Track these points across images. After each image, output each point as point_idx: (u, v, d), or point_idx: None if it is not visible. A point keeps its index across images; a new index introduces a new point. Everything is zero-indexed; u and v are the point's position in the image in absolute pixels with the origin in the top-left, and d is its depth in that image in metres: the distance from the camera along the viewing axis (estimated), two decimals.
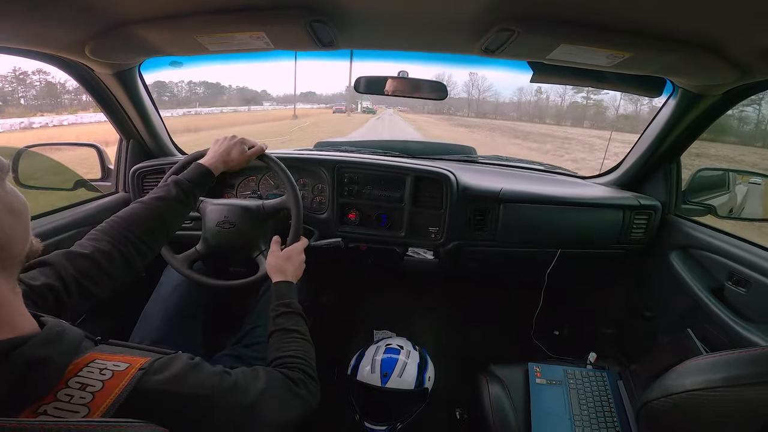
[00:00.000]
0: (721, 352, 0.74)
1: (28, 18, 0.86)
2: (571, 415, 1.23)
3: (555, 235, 1.58)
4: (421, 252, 1.62)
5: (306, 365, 0.86)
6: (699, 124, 1.41)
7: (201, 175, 1.12)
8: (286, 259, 1.13)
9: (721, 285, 1.33)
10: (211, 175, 1.14)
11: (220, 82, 44.90)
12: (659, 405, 0.77)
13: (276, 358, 0.86)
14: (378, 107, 43.20)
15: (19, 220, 0.51)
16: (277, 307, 0.99)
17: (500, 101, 68.23)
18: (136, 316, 1.25)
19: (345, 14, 0.94)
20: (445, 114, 53.85)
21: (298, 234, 1.24)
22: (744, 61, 0.98)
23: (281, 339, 0.91)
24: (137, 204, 0.98)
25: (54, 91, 27.75)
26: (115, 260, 0.86)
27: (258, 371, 0.74)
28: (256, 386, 0.69)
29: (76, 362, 0.51)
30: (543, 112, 59.68)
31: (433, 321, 2.14)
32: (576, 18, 0.87)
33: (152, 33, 1.00)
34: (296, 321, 0.97)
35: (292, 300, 1.02)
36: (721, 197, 1.75)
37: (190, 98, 39.59)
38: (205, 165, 1.13)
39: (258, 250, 1.30)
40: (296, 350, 0.88)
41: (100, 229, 0.89)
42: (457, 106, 64.37)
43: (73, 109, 23.57)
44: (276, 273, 1.10)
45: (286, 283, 1.07)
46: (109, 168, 1.62)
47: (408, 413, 1.48)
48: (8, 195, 0.51)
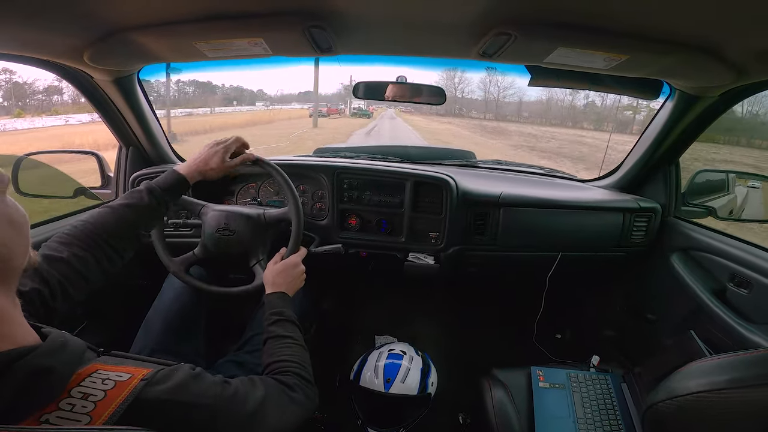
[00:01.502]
0: (724, 354, 0.73)
1: (27, 24, 0.86)
2: (575, 418, 1.23)
3: (555, 239, 1.58)
4: (422, 257, 1.61)
5: (300, 368, 0.86)
6: (697, 126, 1.41)
7: (175, 183, 1.08)
8: (281, 271, 1.14)
9: (723, 286, 1.33)
10: (185, 183, 1.10)
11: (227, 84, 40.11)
12: (664, 407, 0.77)
13: (269, 364, 0.87)
14: (376, 108, 34.60)
15: (19, 233, 0.52)
16: (270, 316, 1.00)
17: (525, 101, 50.91)
18: (138, 324, 1.25)
19: (343, 20, 0.95)
20: (457, 115, 43.89)
21: (296, 246, 1.24)
22: (740, 62, 0.99)
23: (274, 345, 0.92)
24: (106, 209, 0.96)
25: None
26: (89, 264, 0.85)
27: (254, 380, 0.74)
28: (256, 395, 0.70)
29: (78, 372, 0.51)
30: (580, 115, 43.62)
31: (435, 326, 2.14)
32: (573, 21, 0.88)
33: (150, 39, 1.00)
34: (289, 328, 0.98)
35: (284, 309, 1.03)
36: (721, 199, 1.75)
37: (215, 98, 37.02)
38: (181, 172, 1.10)
39: (256, 259, 1.30)
40: (290, 355, 0.89)
41: (68, 233, 0.87)
42: (471, 107, 51.49)
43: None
44: (270, 285, 1.11)
45: (279, 294, 1.08)
46: (109, 176, 1.62)
47: (411, 419, 1.47)
48: (8, 208, 0.51)
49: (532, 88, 21.60)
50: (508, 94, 50.77)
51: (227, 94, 18.41)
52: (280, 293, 1.08)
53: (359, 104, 31.93)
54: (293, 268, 1.16)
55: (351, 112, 32.05)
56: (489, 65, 1.21)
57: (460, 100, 43.53)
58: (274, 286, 1.10)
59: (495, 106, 49.65)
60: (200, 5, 0.87)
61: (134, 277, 1.60)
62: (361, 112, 31.49)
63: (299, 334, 0.98)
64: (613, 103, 37.09)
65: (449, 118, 40.40)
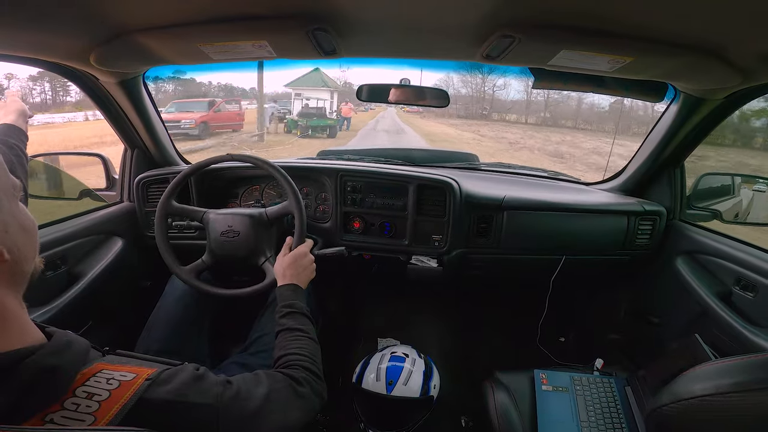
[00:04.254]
0: (730, 358, 0.73)
1: (34, 26, 0.87)
2: (579, 421, 1.22)
3: (559, 242, 1.58)
4: (425, 260, 1.61)
5: (309, 362, 0.85)
6: (702, 129, 1.41)
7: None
8: (291, 263, 1.13)
9: (728, 290, 1.32)
10: None
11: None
12: (669, 411, 0.76)
13: (279, 357, 0.86)
14: (368, 109, 23.33)
15: (30, 238, 0.54)
16: (281, 309, 1.00)
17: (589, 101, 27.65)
18: (141, 325, 1.25)
19: (346, 23, 0.95)
20: (480, 118, 25.46)
21: (302, 236, 1.24)
22: (746, 65, 0.98)
23: (285, 338, 0.92)
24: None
25: None
26: None
27: (260, 375, 0.74)
28: (259, 392, 0.69)
29: (83, 372, 0.52)
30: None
31: (438, 328, 2.13)
32: (576, 24, 0.88)
33: (156, 42, 1.01)
34: (300, 320, 0.97)
35: (296, 301, 1.02)
36: (727, 202, 1.74)
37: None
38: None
39: (264, 257, 1.29)
40: (300, 348, 0.88)
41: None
42: (505, 108, 29.28)
43: None
44: (281, 278, 1.10)
45: (291, 286, 1.07)
46: (114, 177, 1.63)
47: (413, 421, 1.46)
48: (20, 214, 0.53)
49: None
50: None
51: (215, 93, 17.57)
52: (292, 285, 1.07)
53: (319, 102, 17.10)
54: (302, 258, 1.16)
55: (291, 122, 14.80)
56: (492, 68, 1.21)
57: (487, 99, 27.48)
58: (285, 279, 1.09)
59: (544, 107, 27.63)
60: (205, 8, 0.88)
61: (138, 278, 1.60)
62: (313, 124, 13.96)
63: (311, 326, 0.97)
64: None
65: (472, 121, 24.61)
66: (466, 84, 26.90)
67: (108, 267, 1.41)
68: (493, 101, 28.34)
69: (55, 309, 1.21)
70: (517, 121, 26.49)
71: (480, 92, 27.79)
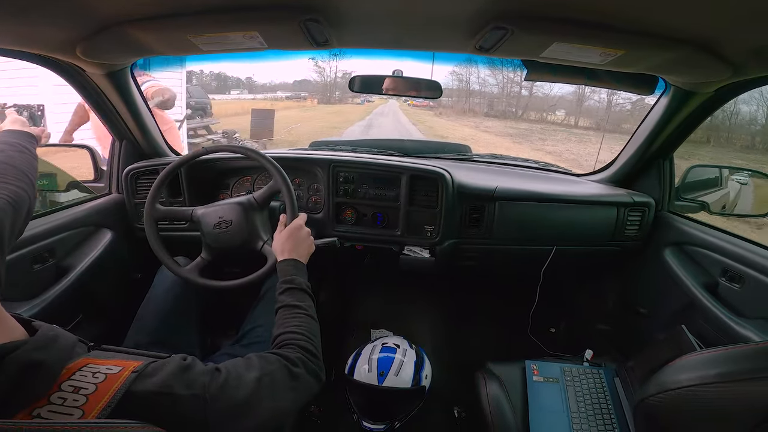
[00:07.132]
0: (715, 348, 0.74)
1: (18, 19, 0.85)
2: (569, 412, 1.24)
3: (550, 233, 1.59)
4: (417, 250, 1.62)
5: (305, 341, 0.83)
6: (691, 121, 1.42)
7: None
8: (288, 237, 1.11)
9: (715, 281, 1.34)
10: None
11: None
12: (655, 401, 0.78)
13: (276, 336, 0.85)
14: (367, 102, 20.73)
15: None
16: (281, 285, 0.98)
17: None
18: (130, 318, 1.24)
19: (339, 13, 0.94)
20: (507, 118, 18.89)
21: (294, 210, 1.21)
22: (736, 58, 0.99)
23: (283, 315, 0.90)
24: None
25: None
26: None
27: (251, 359, 0.73)
28: (249, 377, 0.68)
29: (69, 366, 0.52)
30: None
31: (430, 319, 2.15)
32: (569, 16, 0.87)
33: (144, 33, 0.98)
34: (299, 296, 0.95)
35: (296, 276, 1.00)
36: (714, 194, 1.76)
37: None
38: None
39: (261, 240, 1.27)
40: (297, 326, 0.87)
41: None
42: (541, 105, 20.43)
43: None
44: (280, 253, 1.08)
45: (291, 261, 1.05)
46: (102, 169, 1.60)
47: (406, 412, 1.48)
48: None
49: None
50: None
51: (206, 83, 17.06)
52: (292, 260, 1.05)
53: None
54: (298, 230, 1.13)
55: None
56: (484, 60, 1.21)
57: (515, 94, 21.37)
58: (284, 254, 1.07)
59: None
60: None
61: (128, 270, 1.59)
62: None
63: (310, 302, 0.95)
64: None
65: (502, 122, 18.49)
66: (495, 74, 21.05)
67: (97, 259, 1.40)
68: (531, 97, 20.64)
69: (44, 303, 1.20)
70: (564, 122, 18.85)
71: (515, 84, 20.30)
